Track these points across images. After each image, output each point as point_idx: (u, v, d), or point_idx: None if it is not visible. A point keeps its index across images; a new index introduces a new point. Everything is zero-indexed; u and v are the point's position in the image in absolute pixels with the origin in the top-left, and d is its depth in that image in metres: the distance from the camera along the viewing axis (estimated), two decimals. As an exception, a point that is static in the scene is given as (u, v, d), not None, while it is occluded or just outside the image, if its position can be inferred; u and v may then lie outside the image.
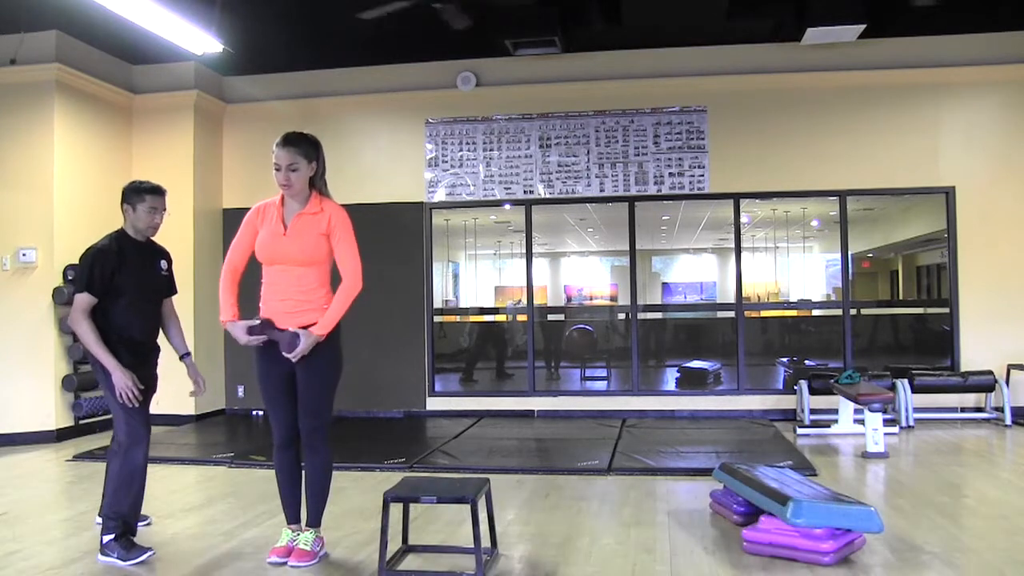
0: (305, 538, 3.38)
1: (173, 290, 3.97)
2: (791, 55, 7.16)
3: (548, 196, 7.64)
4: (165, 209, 3.80)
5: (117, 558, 3.37)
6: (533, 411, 7.53)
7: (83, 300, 3.57)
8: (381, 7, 5.90)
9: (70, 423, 6.71)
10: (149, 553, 3.44)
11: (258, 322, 3.31)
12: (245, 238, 3.42)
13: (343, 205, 3.49)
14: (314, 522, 3.43)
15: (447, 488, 3.26)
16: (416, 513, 3.79)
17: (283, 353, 3.25)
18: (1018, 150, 7.04)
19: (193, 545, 3.69)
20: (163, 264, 3.90)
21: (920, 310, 9.22)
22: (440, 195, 7.76)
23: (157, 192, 3.75)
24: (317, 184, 3.43)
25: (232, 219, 7.90)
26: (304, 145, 3.37)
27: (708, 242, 16.88)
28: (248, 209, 3.54)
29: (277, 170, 3.36)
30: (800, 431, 6.32)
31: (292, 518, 3.45)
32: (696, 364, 8.05)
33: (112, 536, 3.40)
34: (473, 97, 7.67)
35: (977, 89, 7.15)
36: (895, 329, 8.12)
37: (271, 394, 3.40)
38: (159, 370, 3.88)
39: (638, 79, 7.47)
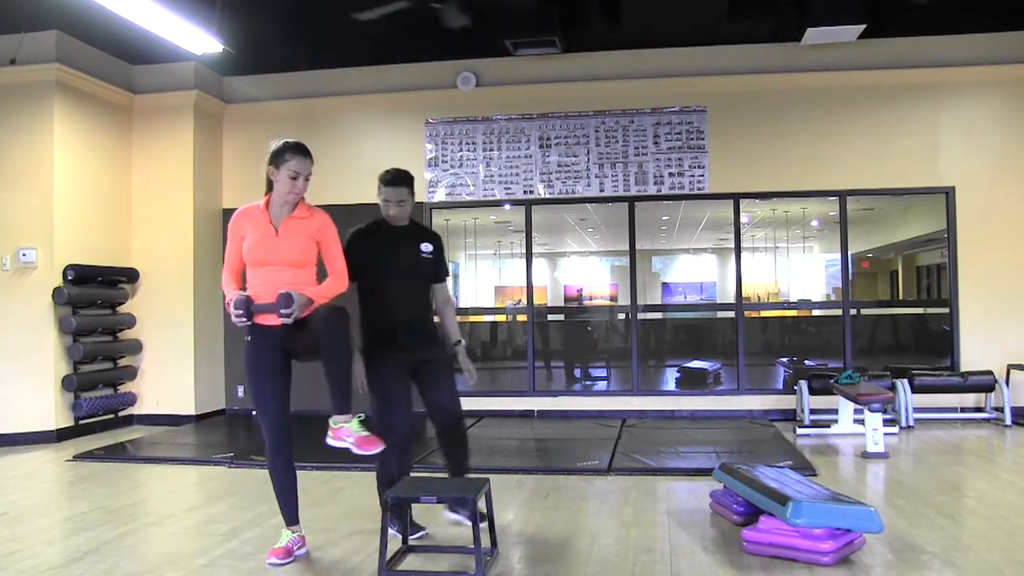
0: (355, 425, 3.29)
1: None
2: (791, 55, 7.16)
3: (548, 196, 7.64)
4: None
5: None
6: (533, 411, 7.53)
7: None
8: (379, 8, 5.89)
9: (70, 423, 6.71)
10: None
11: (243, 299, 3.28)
12: (236, 245, 3.43)
13: (343, 205, 3.51)
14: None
15: (447, 488, 3.26)
16: (416, 513, 3.78)
17: (280, 314, 3.21)
18: (1018, 150, 7.04)
19: (193, 545, 3.69)
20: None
21: (920, 310, 9.22)
22: (440, 195, 7.76)
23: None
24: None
25: (232, 219, 7.92)
26: (311, 156, 3.47)
27: (708, 242, 16.88)
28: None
29: (294, 178, 3.36)
30: (800, 431, 6.32)
31: (291, 520, 3.45)
32: (696, 364, 8.06)
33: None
34: (473, 97, 7.67)
35: (977, 89, 7.15)
36: (895, 329, 8.12)
37: (265, 395, 3.38)
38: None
39: (638, 79, 7.47)
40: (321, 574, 3.28)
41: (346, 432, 3.27)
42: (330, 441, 3.32)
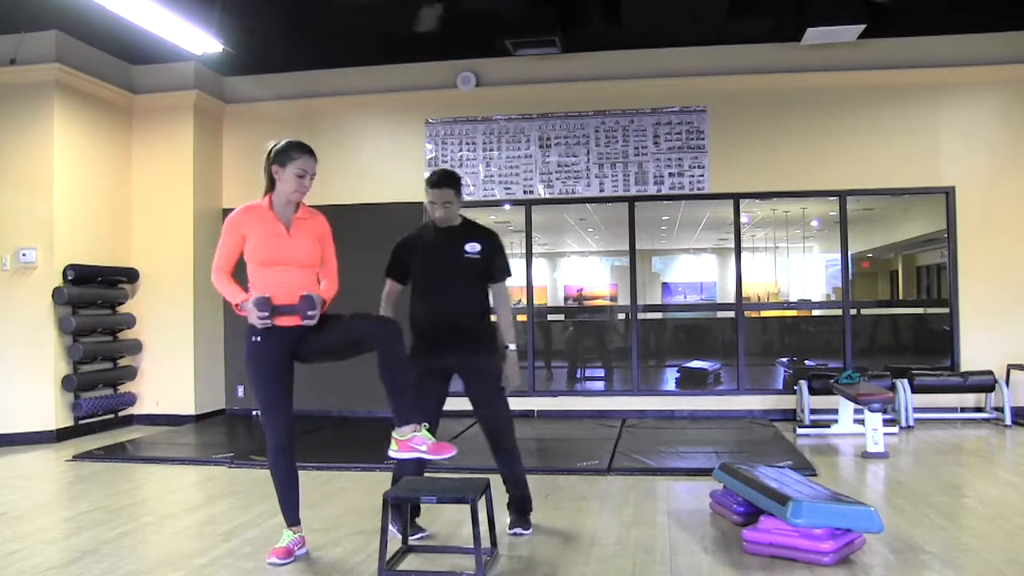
0: (425, 434, 3.30)
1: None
2: (791, 55, 7.16)
3: (548, 196, 7.64)
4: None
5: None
6: (533, 411, 7.52)
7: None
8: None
9: (70, 423, 6.71)
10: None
11: (264, 302, 3.24)
12: (232, 243, 3.34)
13: (343, 206, 3.51)
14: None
15: (447, 488, 3.26)
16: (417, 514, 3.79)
17: (306, 316, 3.23)
18: (1018, 150, 7.04)
19: (193, 545, 3.69)
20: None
21: (920, 310, 9.23)
22: (440, 195, 7.75)
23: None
24: None
25: (232, 219, 7.92)
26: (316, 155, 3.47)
27: (708, 242, 16.89)
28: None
29: (301, 177, 3.35)
30: (800, 431, 6.32)
31: (292, 520, 3.45)
32: (696, 364, 8.06)
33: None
34: (473, 97, 7.67)
35: (977, 89, 7.15)
36: (895, 329, 8.12)
37: (275, 395, 3.35)
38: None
39: (638, 79, 7.47)
40: (321, 574, 3.28)
41: (418, 441, 3.27)
42: (395, 453, 3.31)
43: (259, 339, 3.31)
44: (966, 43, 7.05)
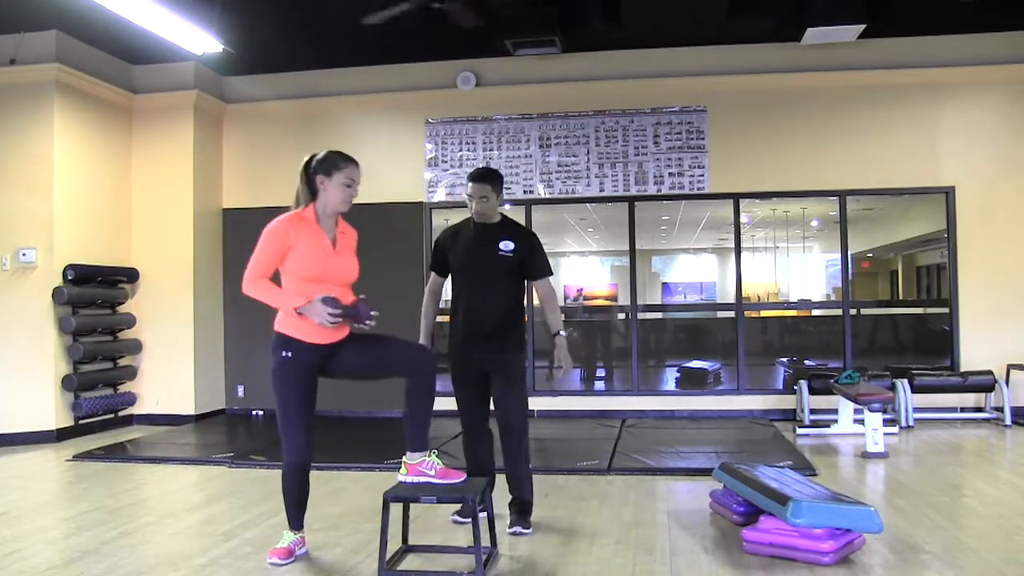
0: (435, 459, 3.32)
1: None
2: (791, 55, 7.16)
3: (548, 196, 7.64)
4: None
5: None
6: (533, 411, 7.50)
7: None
8: (385, 11, 5.88)
9: (70, 423, 6.71)
10: None
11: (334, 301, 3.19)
12: (276, 252, 3.21)
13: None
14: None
15: (447, 488, 3.26)
16: (416, 513, 3.79)
17: (362, 321, 3.24)
18: (1018, 150, 7.04)
19: (193, 545, 3.69)
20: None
21: (920, 310, 9.23)
22: (440, 195, 7.76)
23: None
24: None
25: (232, 219, 7.92)
26: None
27: (708, 242, 16.89)
28: (251, 210, 3.52)
29: (348, 186, 3.33)
30: (800, 431, 6.32)
31: (296, 526, 3.44)
32: (696, 364, 8.06)
33: None
34: (473, 97, 7.67)
35: (977, 89, 7.15)
36: (895, 329, 8.12)
37: (299, 412, 3.30)
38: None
39: (638, 79, 7.47)
40: (321, 574, 3.28)
41: (428, 465, 3.28)
42: (403, 477, 3.30)
43: (290, 354, 3.24)
44: (966, 43, 7.05)
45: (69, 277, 6.63)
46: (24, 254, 6.57)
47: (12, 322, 6.56)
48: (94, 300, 6.95)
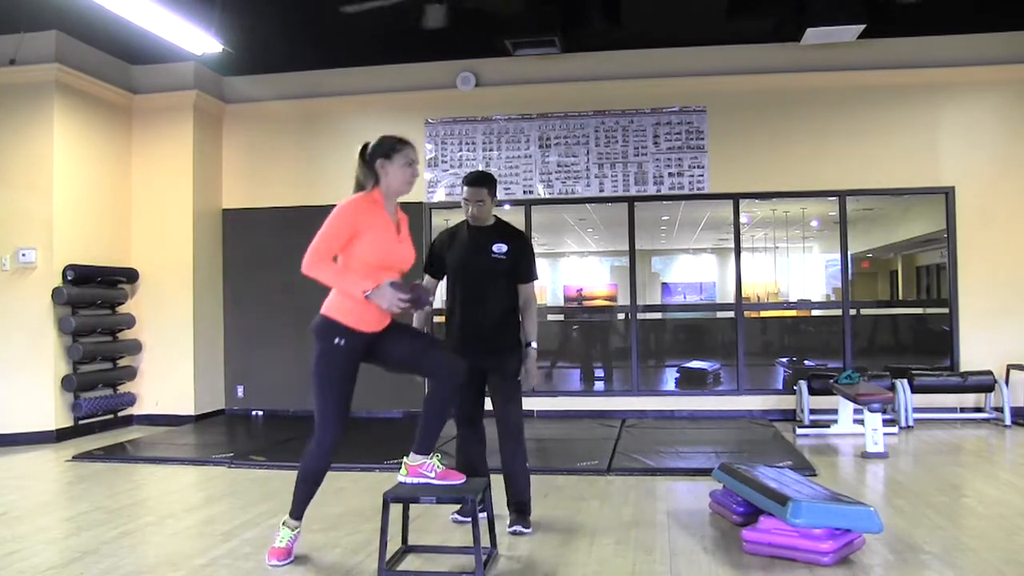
0: (436, 461, 3.31)
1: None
2: (791, 55, 7.16)
3: (548, 196, 7.64)
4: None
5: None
6: (533, 411, 7.52)
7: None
8: (363, 2, 5.86)
9: (70, 423, 6.71)
10: None
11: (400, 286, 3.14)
12: (346, 233, 3.13)
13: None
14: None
15: (447, 488, 3.26)
16: (416, 513, 3.79)
17: (423, 306, 3.28)
18: (1018, 150, 7.04)
19: (193, 545, 3.69)
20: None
21: (920, 310, 9.22)
22: (440, 195, 7.76)
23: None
24: None
25: (232, 219, 7.91)
26: None
27: (708, 242, 16.89)
28: (251, 210, 3.52)
29: (410, 166, 3.31)
30: (800, 431, 6.32)
31: (299, 515, 3.40)
32: (696, 364, 8.06)
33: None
34: (473, 97, 7.67)
35: (977, 89, 7.15)
36: (895, 329, 8.12)
37: (340, 400, 3.25)
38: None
39: (638, 79, 7.47)
40: (321, 574, 3.28)
41: (428, 467, 3.27)
42: (403, 478, 3.29)
43: (343, 341, 3.17)
44: (966, 43, 7.05)
45: (69, 277, 6.63)
46: (24, 254, 6.57)
47: (12, 322, 6.56)
48: (94, 300, 6.95)
